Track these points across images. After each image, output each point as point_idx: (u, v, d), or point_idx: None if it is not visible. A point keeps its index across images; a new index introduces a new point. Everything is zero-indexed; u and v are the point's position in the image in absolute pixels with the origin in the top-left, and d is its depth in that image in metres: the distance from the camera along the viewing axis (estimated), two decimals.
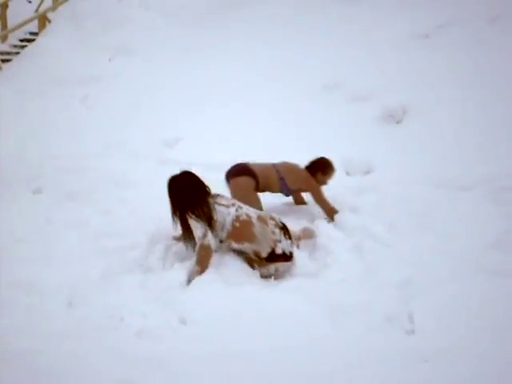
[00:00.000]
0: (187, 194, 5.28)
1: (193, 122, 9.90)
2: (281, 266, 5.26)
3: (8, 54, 15.79)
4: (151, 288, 4.79)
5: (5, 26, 16.61)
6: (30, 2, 18.94)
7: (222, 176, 8.00)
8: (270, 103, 9.93)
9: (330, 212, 6.31)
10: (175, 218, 5.29)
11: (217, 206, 5.28)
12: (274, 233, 5.28)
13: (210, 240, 5.08)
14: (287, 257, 5.27)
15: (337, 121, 9.16)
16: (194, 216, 5.15)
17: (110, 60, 13.17)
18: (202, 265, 5.00)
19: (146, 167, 8.58)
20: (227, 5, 13.86)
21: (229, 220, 5.24)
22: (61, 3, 16.57)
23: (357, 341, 4.06)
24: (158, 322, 4.28)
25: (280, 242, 5.26)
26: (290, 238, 5.38)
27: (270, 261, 5.22)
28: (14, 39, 16.40)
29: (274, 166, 6.66)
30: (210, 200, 5.31)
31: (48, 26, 15.43)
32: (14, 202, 7.07)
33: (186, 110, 10.28)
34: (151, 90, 11.37)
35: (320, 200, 6.39)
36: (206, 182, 5.44)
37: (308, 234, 5.74)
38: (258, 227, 5.25)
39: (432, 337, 3.98)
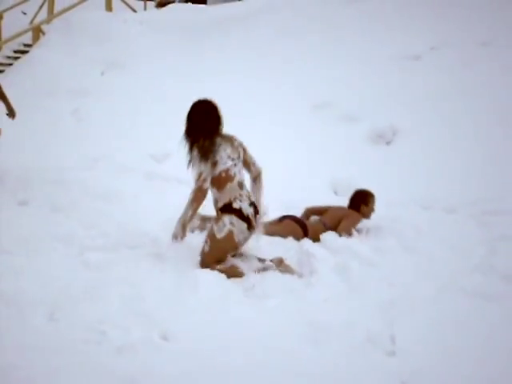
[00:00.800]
0: (197, 121, 5.76)
1: (180, 137, 9.86)
2: (236, 221, 5.49)
3: (1, 64, 15.83)
4: (134, 302, 4.76)
5: None
6: (24, 13, 19.00)
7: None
8: (259, 122, 9.96)
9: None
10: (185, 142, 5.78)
11: (222, 150, 5.60)
12: (240, 195, 5.60)
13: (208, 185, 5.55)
14: (244, 216, 5.51)
15: (326, 140, 9.21)
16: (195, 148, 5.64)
17: (102, 74, 13.20)
18: (197, 202, 5.54)
19: (133, 181, 8.56)
20: (217, 24, 13.95)
21: (221, 167, 5.57)
22: (55, 16, 16.63)
23: (337, 361, 4.05)
24: (140, 338, 4.25)
25: (241, 201, 5.57)
26: (257, 212, 5.67)
27: (225, 211, 5.53)
28: (8, 50, 16.45)
29: (321, 220, 6.69)
30: (218, 140, 5.64)
31: (42, 38, 15.46)
32: None
33: (176, 126, 10.24)
34: (142, 104, 11.39)
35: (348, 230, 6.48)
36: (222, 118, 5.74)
37: (288, 270, 5.67)
38: (234, 183, 5.61)
39: (412, 359, 3.97)
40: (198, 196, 5.59)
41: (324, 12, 12.81)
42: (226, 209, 5.58)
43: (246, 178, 5.90)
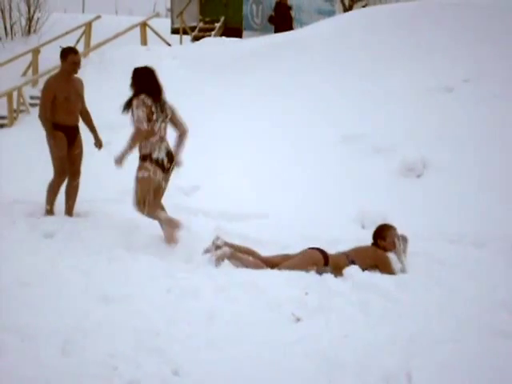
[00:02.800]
0: (143, 79, 7.67)
1: (211, 170, 9.91)
2: (152, 167, 7.31)
3: (37, 98, 16.01)
4: (148, 336, 4.72)
5: (36, 70, 16.93)
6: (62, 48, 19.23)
7: (236, 225, 8.01)
8: (288, 153, 9.92)
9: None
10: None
11: (153, 107, 7.39)
12: (159, 147, 7.38)
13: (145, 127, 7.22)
14: (159, 163, 7.34)
15: (355, 173, 9.11)
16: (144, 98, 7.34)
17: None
18: (135, 141, 7.35)
19: None
20: (249, 59, 13.94)
21: (150, 123, 7.31)
22: (91, 50, 16.85)
23: None
24: (151, 373, 4.19)
25: (159, 152, 7.38)
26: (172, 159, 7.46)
27: (144, 160, 7.34)
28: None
29: (344, 253, 6.61)
30: (151, 99, 7.39)
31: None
32: (23, 244, 7.06)
33: (205, 159, 10.30)
34: (171, 137, 11.39)
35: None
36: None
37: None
38: (156, 138, 7.37)
39: None
40: (137, 137, 7.41)
41: (353, 45, 12.78)
42: (146, 158, 7.42)
43: None
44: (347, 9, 28.25)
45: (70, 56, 8.44)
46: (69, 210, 8.60)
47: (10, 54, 18.14)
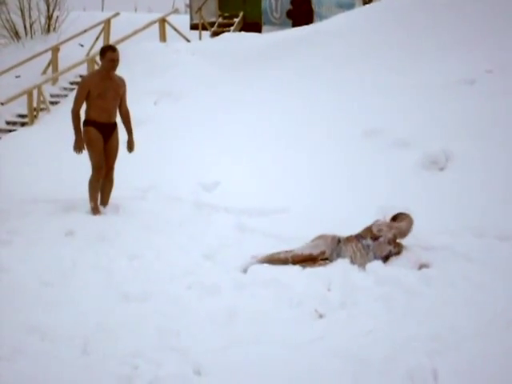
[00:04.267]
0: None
1: (232, 166, 9.87)
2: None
3: (57, 96, 16.09)
4: (170, 336, 4.68)
5: (56, 68, 16.98)
6: (82, 46, 19.31)
7: (258, 221, 7.95)
8: (309, 149, 9.84)
9: None
10: None
11: None
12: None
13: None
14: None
15: (377, 167, 9.00)
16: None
17: (155, 103, 13.27)
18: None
19: (181, 210, 8.58)
20: (267, 53, 13.90)
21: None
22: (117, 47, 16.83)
23: None
24: (172, 372, 4.14)
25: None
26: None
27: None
28: (64, 82, 16.71)
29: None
30: None
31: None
32: (45, 243, 7.05)
33: (225, 155, 10.26)
34: (193, 133, 11.39)
35: None
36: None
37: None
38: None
39: None
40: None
41: (373, 38, 12.68)
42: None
43: None
44: (367, 1, 28.08)
45: (108, 53, 8.48)
46: (103, 201, 8.67)
47: (30, 53, 18.22)
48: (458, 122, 9.50)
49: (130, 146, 8.88)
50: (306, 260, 6.21)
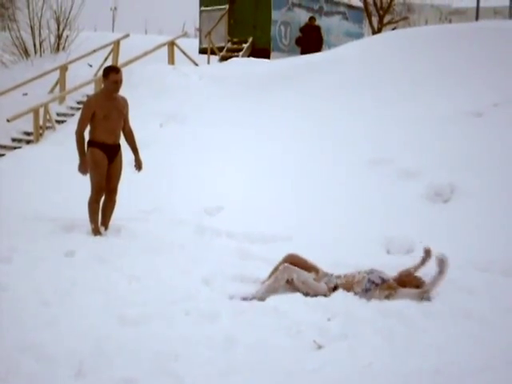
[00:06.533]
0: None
1: (235, 191, 9.84)
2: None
3: (64, 115, 16.10)
4: (167, 360, 4.61)
5: (63, 87, 17.01)
6: (90, 66, 19.35)
7: (260, 248, 7.89)
8: (314, 177, 9.81)
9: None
10: None
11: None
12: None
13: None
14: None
15: (381, 197, 8.97)
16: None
17: (161, 126, 13.27)
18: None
19: (183, 234, 8.53)
20: (276, 80, 13.91)
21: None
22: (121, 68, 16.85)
23: None
24: None
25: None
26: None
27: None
28: (71, 101, 16.74)
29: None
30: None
31: None
32: (44, 262, 7.00)
33: (229, 179, 10.24)
34: (198, 156, 11.38)
35: None
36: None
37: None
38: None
39: None
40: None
41: (381, 67, 12.69)
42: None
43: None
44: (376, 31, 28.20)
45: (111, 75, 8.43)
46: (105, 222, 8.60)
47: (38, 71, 18.26)
48: (463, 155, 9.48)
49: (139, 165, 8.83)
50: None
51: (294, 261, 6.47)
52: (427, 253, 6.48)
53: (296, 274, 6.16)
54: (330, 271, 6.52)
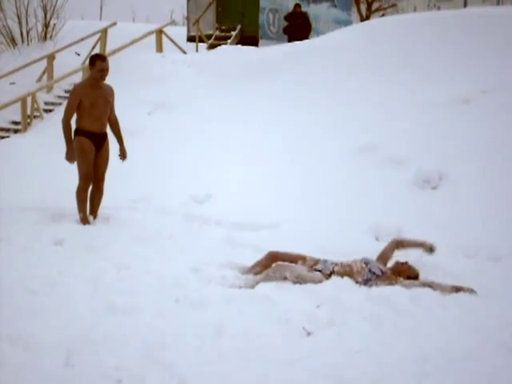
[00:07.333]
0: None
1: (224, 179, 9.82)
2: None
3: (52, 104, 16.03)
4: (155, 349, 4.60)
5: (51, 76, 16.93)
6: (78, 54, 19.26)
7: (248, 235, 7.89)
8: (302, 164, 9.81)
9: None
10: None
11: None
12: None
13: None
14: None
15: (370, 184, 8.97)
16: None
17: (149, 114, 13.22)
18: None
19: (172, 222, 8.51)
20: (264, 67, 13.89)
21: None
22: (107, 56, 16.78)
23: None
24: None
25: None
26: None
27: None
28: (59, 90, 16.66)
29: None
30: None
31: None
32: (32, 251, 6.97)
33: (217, 167, 10.22)
34: (186, 145, 11.35)
35: None
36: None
37: None
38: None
39: None
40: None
41: (370, 55, 12.66)
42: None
43: None
44: (364, 19, 28.18)
45: (97, 63, 8.39)
46: (93, 211, 8.59)
47: (25, 60, 18.15)
48: (452, 142, 9.49)
49: (123, 155, 8.82)
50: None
51: (277, 258, 6.42)
52: (431, 249, 6.50)
53: (289, 271, 6.12)
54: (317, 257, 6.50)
